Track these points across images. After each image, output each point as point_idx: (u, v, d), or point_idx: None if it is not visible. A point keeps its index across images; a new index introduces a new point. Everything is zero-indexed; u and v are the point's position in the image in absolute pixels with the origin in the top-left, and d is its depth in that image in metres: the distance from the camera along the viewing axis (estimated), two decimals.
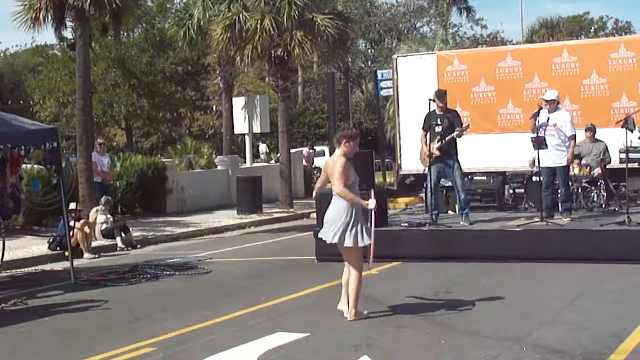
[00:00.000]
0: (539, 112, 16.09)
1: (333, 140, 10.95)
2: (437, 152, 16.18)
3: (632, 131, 15.60)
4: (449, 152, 16.32)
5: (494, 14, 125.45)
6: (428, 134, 16.35)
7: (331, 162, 10.59)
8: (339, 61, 53.64)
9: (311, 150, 41.84)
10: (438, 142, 16.15)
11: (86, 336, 10.60)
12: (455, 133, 16.14)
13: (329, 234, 10.50)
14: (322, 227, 10.85)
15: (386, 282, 13.32)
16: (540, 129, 16.06)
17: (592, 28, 70.85)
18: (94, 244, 19.28)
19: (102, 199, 20.59)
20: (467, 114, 19.84)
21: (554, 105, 16.40)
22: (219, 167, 31.63)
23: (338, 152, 10.56)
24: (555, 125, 16.28)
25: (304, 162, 36.83)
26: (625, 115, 16.10)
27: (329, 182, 10.65)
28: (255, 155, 40.92)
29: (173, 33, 32.98)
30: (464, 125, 16.51)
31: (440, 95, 16.60)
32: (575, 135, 16.49)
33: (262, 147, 45.73)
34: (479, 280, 13.23)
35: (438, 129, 16.23)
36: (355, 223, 10.37)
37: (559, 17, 68.69)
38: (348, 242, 10.34)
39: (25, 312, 12.38)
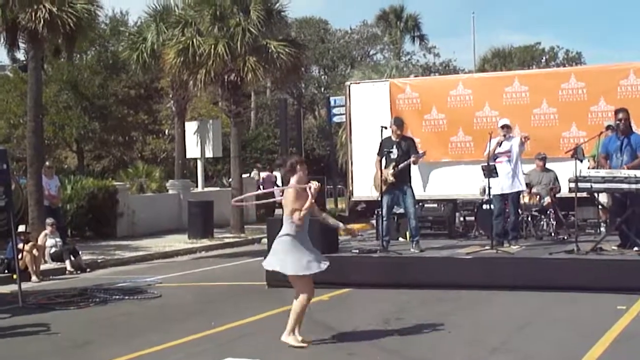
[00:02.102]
0: (501, 142, 16.43)
1: (282, 168, 10.71)
2: (391, 179, 16.23)
3: (581, 161, 15.76)
4: (403, 179, 16.38)
5: (447, 43, 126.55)
6: (383, 159, 16.41)
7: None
8: (292, 87, 53.86)
9: (271, 174, 35.99)
10: (393, 168, 16.21)
11: None
12: (411, 159, 16.20)
13: (277, 264, 10.30)
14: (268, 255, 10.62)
15: (336, 308, 13.31)
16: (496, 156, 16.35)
17: (544, 58, 71.56)
18: (43, 267, 19.11)
19: (48, 221, 20.44)
20: (419, 141, 19.85)
21: (510, 131, 16.68)
22: (170, 192, 31.51)
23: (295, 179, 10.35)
24: (508, 151, 16.51)
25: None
26: (575, 145, 16.22)
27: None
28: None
29: (126, 56, 32.86)
30: (420, 152, 16.61)
31: (399, 123, 16.69)
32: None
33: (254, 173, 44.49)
34: (429, 308, 13.25)
35: (393, 156, 16.29)
36: (302, 251, 10.21)
37: (511, 47, 69.51)
38: (298, 270, 10.19)
39: None
